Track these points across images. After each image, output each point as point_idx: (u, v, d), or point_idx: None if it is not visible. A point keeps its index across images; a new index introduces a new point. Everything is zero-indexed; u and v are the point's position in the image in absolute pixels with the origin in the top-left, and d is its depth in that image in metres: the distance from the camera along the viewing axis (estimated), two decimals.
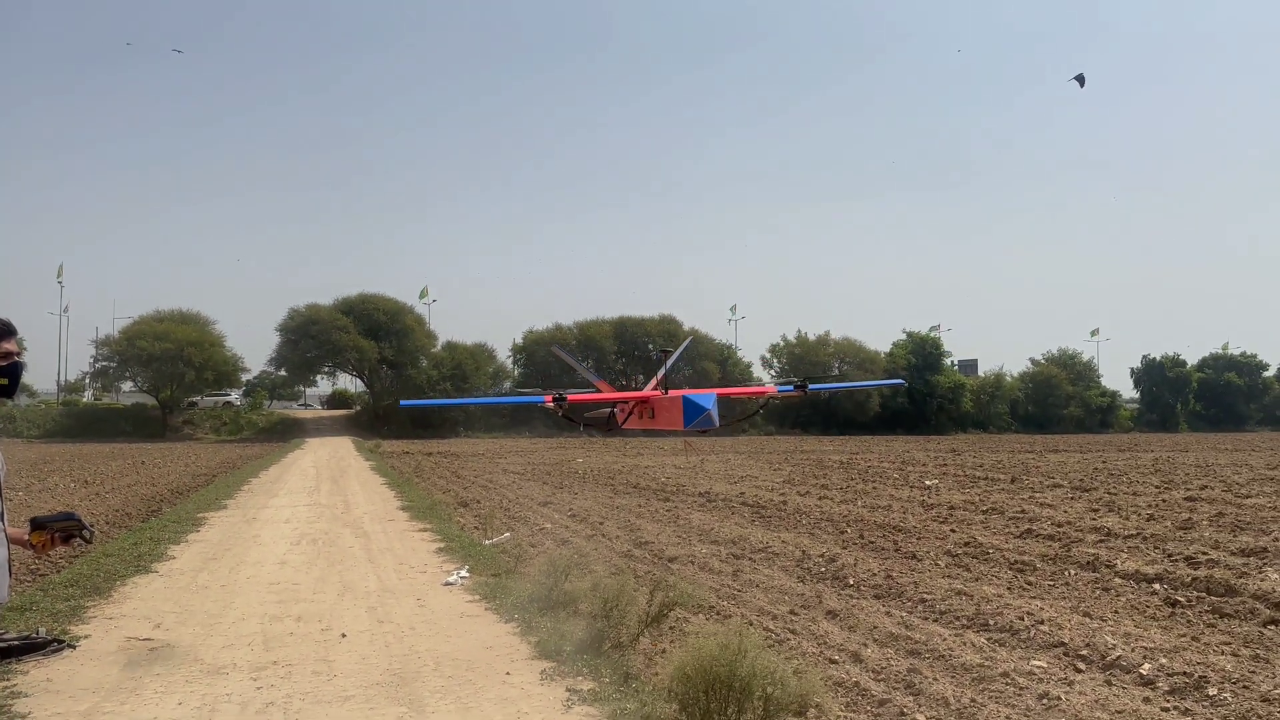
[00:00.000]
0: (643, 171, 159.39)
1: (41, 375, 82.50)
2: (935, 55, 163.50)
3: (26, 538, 3.95)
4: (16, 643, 7.07)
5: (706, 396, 9.50)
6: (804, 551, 12.49)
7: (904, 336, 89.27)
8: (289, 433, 64.75)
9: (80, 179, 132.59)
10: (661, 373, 10.63)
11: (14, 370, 3.84)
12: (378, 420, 68.34)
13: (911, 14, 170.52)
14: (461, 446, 54.03)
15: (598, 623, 6.57)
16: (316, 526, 15.21)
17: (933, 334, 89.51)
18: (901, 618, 8.66)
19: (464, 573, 10.24)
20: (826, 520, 16.00)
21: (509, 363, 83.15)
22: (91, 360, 72.34)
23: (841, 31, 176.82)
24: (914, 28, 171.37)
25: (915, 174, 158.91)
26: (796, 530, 14.95)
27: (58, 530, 3.96)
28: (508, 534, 14.12)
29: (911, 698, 6.26)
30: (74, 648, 7.14)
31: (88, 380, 75.76)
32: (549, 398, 9.90)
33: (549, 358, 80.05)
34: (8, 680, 6.23)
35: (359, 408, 78.73)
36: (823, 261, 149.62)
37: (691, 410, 9.49)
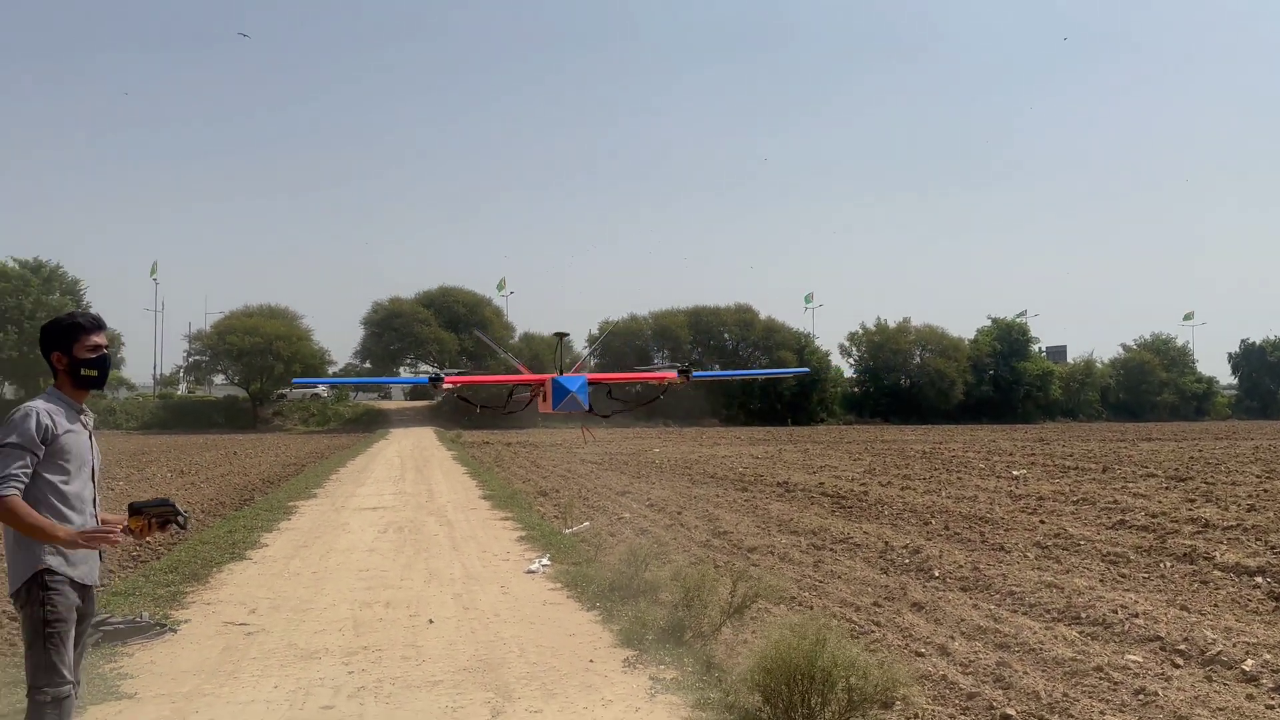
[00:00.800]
0: (719, 160, 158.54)
1: (138, 369, 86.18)
2: (1017, 38, 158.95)
3: (124, 524, 4.08)
4: (123, 625, 7.44)
5: (573, 379, 9.64)
6: (887, 543, 12.31)
7: (989, 323, 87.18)
8: (374, 424, 66.36)
9: (172, 178, 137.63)
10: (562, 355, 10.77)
11: (103, 363, 4.01)
12: (459, 411, 69.50)
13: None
14: (540, 437, 54.60)
15: (679, 612, 6.59)
16: (402, 515, 15.56)
17: (1019, 320, 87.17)
18: (989, 610, 8.48)
19: (545, 561, 10.36)
20: (909, 511, 15.74)
21: (585, 353, 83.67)
22: (185, 354, 75.23)
23: (916, 15, 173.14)
24: (995, 13, 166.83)
25: (1001, 158, 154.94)
26: (879, 521, 14.75)
27: (154, 516, 4.06)
28: (587, 523, 14.24)
29: (1001, 691, 6.13)
30: (175, 631, 7.46)
31: (182, 374, 78.76)
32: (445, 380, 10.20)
33: (624, 347, 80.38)
34: (115, 662, 6.51)
35: (441, 399, 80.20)
36: (904, 248, 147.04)
37: (558, 392, 9.68)
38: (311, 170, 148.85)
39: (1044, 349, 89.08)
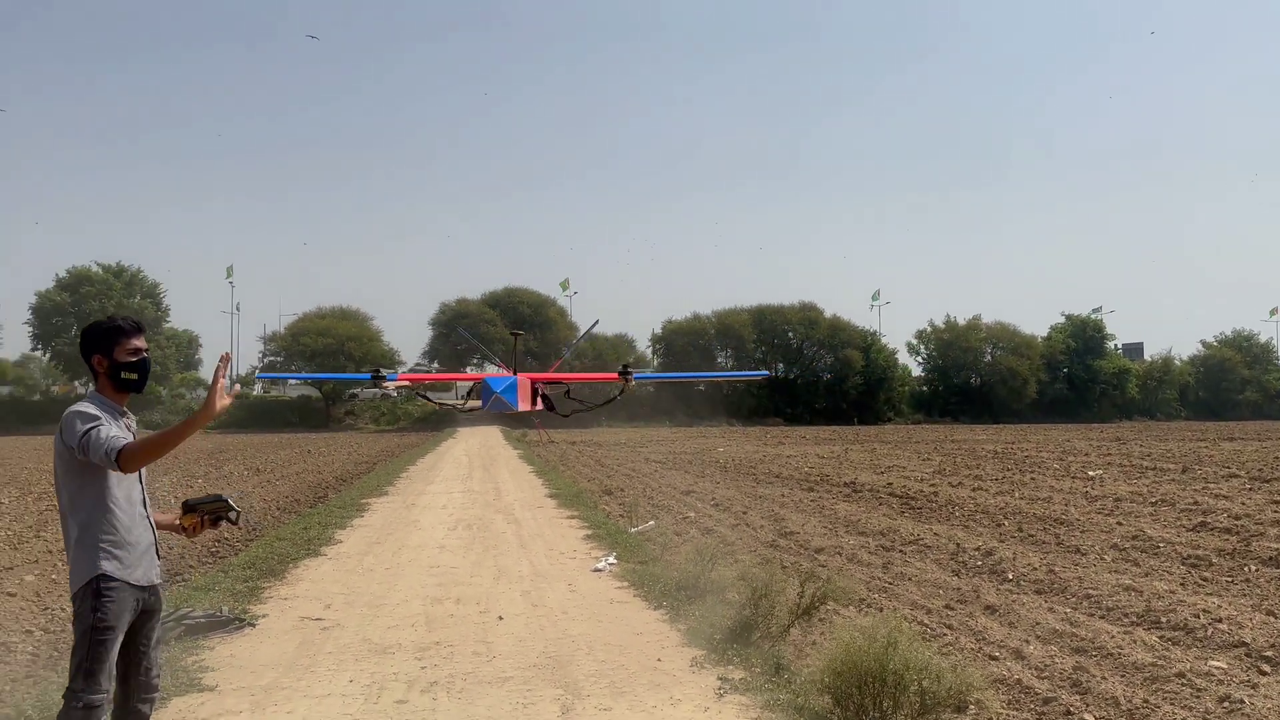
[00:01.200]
0: (783, 157, 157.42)
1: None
2: (1092, 21, 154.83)
3: (178, 521, 4.18)
4: (203, 620, 7.68)
5: (500, 380, 9.64)
6: (958, 544, 12.11)
7: (1063, 319, 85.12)
8: (442, 422, 67.35)
9: (247, 180, 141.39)
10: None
11: (143, 366, 4.06)
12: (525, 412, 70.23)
13: None
14: (604, 436, 54.85)
15: (746, 612, 6.57)
16: (471, 512, 15.78)
17: (1094, 317, 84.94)
18: (1065, 614, 8.29)
19: (612, 559, 10.42)
20: (981, 512, 15.46)
21: (648, 353, 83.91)
22: (260, 355, 77.30)
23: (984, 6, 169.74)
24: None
25: (1073, 150, 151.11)
26: (949, 522, 14.50)
27: (207, 512, 4.14)
28: (652, 522, 14.27)
29: (1078, 696, 5.99)
30: (253, 626, 7.67)
31: (257, 375, 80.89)
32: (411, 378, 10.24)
33: (687, 346, 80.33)
34: (196, 655, 6.72)
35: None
36: (973, 243, 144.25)
37: (485, 392, 9.67)
38: (380, 171, 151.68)
39: (1120, 346, 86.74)
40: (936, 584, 9.80)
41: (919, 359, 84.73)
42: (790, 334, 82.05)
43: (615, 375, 9.11)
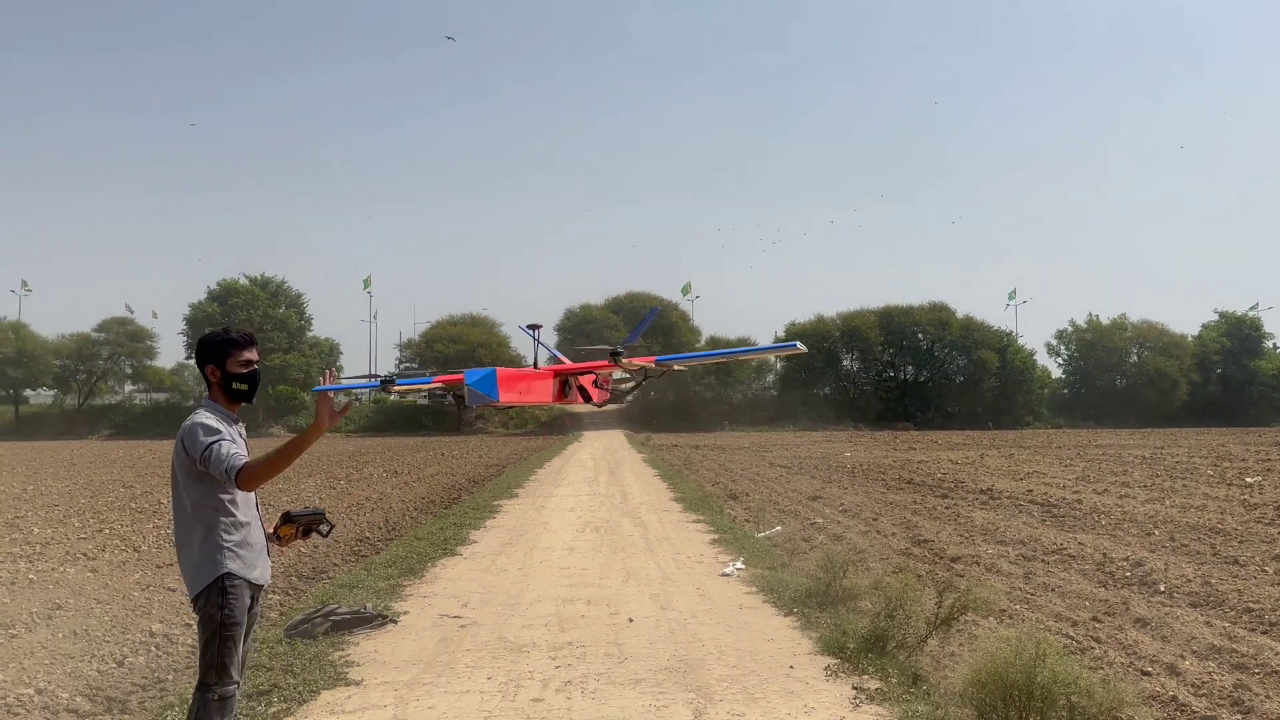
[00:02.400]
0: (910, 156, 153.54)
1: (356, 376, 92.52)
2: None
3: (273, 529, 4.34)
4: (348, 616, 8.01)
5: (475, 371, 9.16)
6: (1104, 554, 11.55)
7: (1216, 318, 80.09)
8: (568, 427, 68.51)
9: (385, 199, 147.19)
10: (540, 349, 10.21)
11: (253, 378, 4.21)
12: (648, 414, 70.74)
13: None
14: (727, 440, 54.67)
15: (881, 622, 6.43)
16: (598, 515, 15.98)
17: (1251, 314, 79.58)
18: (1223, 628, 7.82)
19: (740, 564, 10.37)
20: (1129, 521, 14.70)
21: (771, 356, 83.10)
22: (397, 361, 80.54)
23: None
24: None
25: (1219, 138, 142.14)
26: (1095, 531, 13.84)
27: (303, 523, 4.31)
28: (779, 527, 14.14)
29: (1240, 715, 5.66)
30: (395, 623, 7.96)
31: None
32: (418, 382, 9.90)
33: (812, 349, 79.11)
34: (343, 650, 7.02)
35: (631, 400, 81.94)
36: (1115, 239, 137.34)
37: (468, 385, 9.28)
38: (506, 179, 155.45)
39: (1278, 345, 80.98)
40: (1082, 595, 9.38)
41: (1059, 360, 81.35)
42: (920, 335, 79.90)
43: (599, 364, 8.61)
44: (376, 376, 10.12)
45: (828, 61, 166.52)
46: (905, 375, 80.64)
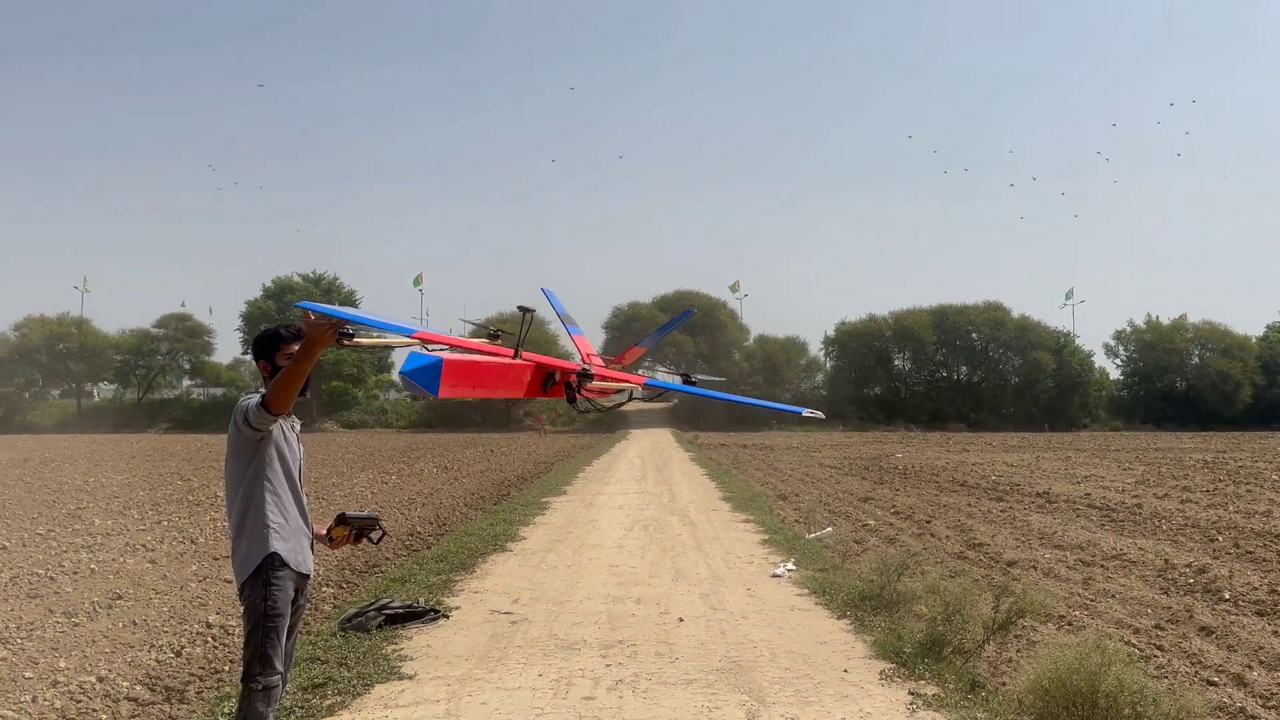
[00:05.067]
0: (961, 150, 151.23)
1: None
2: None
3: (326, 531, 4.38)
4: (402, 610, 8.07)
5: (419, 357, 7.85)
6: (1166, 560, 11.26)
7: None
8: (615, 424, 68.57)
9: (434, 200, 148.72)
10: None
11: None
12: (695, 413, 70.56)
13: None
14: (775, 439, 54.36)
15: (938, 626, 6.30)
16: (647, 514, 15.95)
17: None
18: None
19: (790, 565, 10.27)
20: (1191, 526, 14.32)
21: (820, 355, 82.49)
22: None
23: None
24: None
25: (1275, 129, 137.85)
26: (1155, 536, 13.51)
27: (356, 528, 4.32)
28: (830, 529, 13.99)
29: None
30: (448, 617, 8.01)
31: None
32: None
33: (861, 349, 78.33)
34: (396, 644, 7.07)
35: (677, 400, 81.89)
36: (1174, 237, 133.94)
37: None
38: (553, 176, 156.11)
39: None
40: (1143, 602, 9.15)
41: (1117, 361, 79.58)
42: (974, 335, 78.66)
43: (640, 379, 8.02)
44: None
45: (877, 55, 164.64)
46: (959, 376, 79.43)
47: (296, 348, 4.21)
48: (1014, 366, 77.28)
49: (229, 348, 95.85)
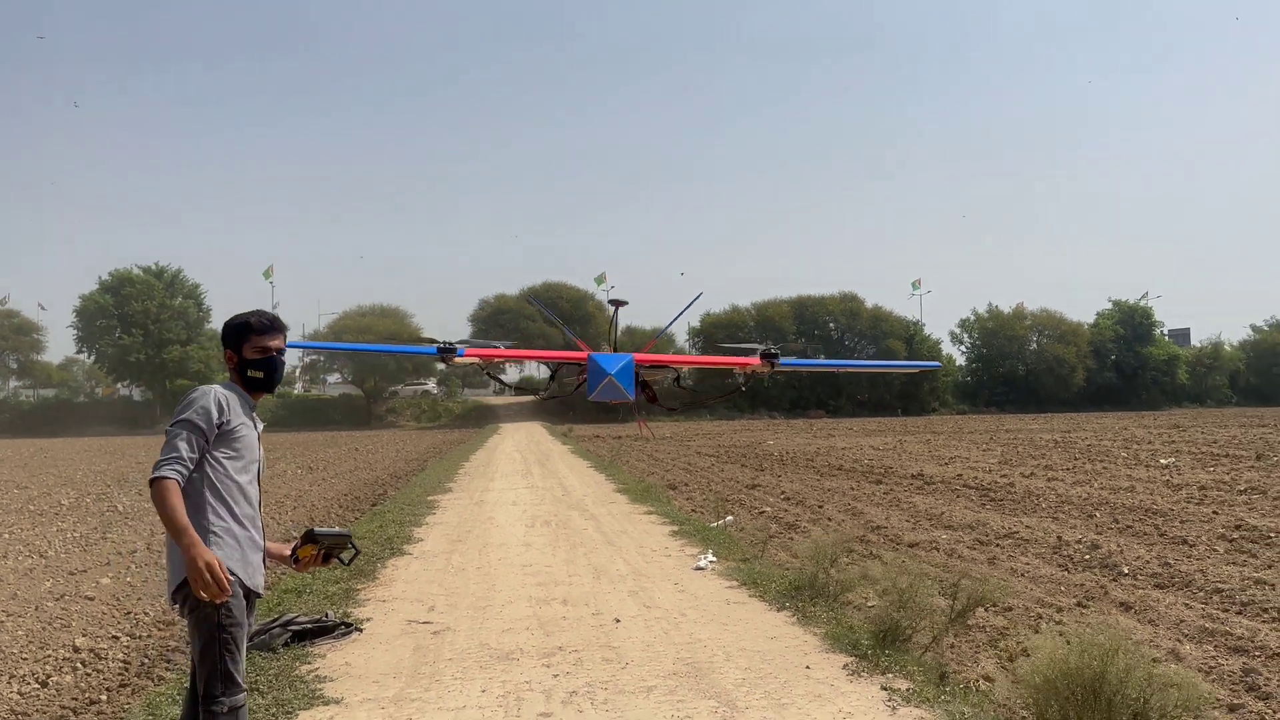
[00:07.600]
0: (818, 149, 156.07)
1: None
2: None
3: (290, 551, 3.93)
4: (310, 625, 7.37)
5: (613, 359, 7.64)
6: (1058, 537, 11.65)
7: (1110, 306, 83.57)
8: (483, 418, 67.51)
9: (289, 180, 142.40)
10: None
11: (269, 364, 3.87)
12: (563, 406, 70.05)
13: None
14: (654, 430, 54.49)
15: (892, 615, 6.15)
16: (544, 509, 15.50)
17: (1142, 303, 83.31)
18: (1204, 610, 7.85)
19: (711, 557, 10.06)
20: (1066, 503, 14.94)
21: (687, 345, 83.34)
22: (301, 354, 77.66)
23: None
24: None
25: (1114, 138, 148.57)
26: (1037, 514, 14.01)
27: (326, 547, 3.89)
28: (731, 517, 13.92)
29: (1262, 702, 5.57)
30: (361, 630, 7.37)
31: (298, 373, 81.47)
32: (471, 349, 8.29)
33: (727, 339, 79.56)
34: (310, 664, 6.42)
35: (544, 393, 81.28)
36: (1014, 230, 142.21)
37: (595, 375, 7.57)
38: (411, 169, 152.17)
39: (1166, 332, 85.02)
40: (1053, 580, 9.37)
41: (963, 348, 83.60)
42: (831, 324, 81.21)
43: (755, 360, 7.28)
44: (434, 342, 8.19)
45: (761, 64, 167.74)
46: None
47: (270, 341, 3.86)
48: (868, 355, 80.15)
49: (62, 346, 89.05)
